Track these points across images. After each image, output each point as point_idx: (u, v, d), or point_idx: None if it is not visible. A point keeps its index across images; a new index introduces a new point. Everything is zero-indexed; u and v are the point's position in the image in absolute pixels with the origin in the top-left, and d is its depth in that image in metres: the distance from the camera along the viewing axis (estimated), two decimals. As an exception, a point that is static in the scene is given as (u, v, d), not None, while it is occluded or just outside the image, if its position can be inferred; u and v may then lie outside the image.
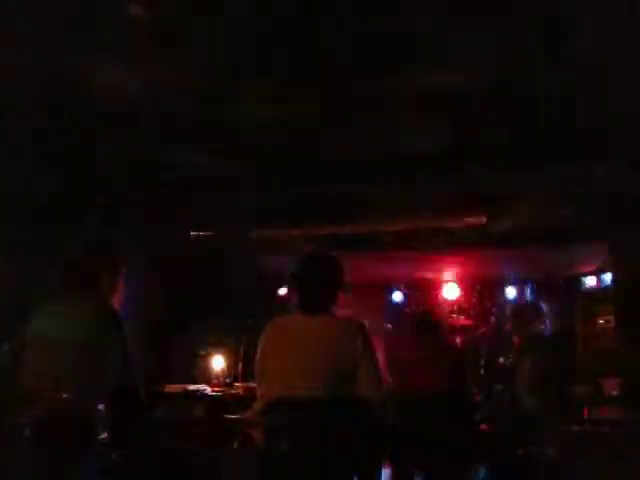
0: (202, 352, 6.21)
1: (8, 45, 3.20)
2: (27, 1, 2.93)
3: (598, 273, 8.16)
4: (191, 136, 4.52)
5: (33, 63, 3.41)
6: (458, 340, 8.33)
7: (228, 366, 5.22)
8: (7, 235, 4.76)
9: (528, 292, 7.40)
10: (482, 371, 7.78)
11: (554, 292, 9.16)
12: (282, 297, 7.13)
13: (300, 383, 2.49)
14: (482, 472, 4.87)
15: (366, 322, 2.80)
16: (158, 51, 3.32)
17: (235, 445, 3.96)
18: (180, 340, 6.71)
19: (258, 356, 2.68)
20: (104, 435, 2.53)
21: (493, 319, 8.36)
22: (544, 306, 7.90)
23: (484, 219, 6.23)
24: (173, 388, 5.00)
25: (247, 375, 5.88)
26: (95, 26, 3.06)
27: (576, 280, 8.79)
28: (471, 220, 6.31)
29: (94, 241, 2.81)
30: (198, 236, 7.01)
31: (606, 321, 7.98)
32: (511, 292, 8.79)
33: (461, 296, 9.30)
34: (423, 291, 9.71)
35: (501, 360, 7.39)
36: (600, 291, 8.08)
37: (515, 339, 7.10)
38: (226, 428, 4.24)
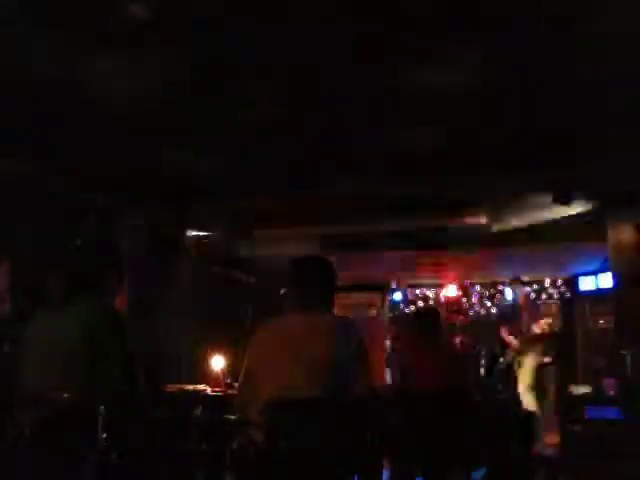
0: (202, 352, 6.21)
1: (7, 43, 3.20)
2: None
3: (598, 273, 8.17)
4: (190, 136, 4.52)
5: (30, 61, 3.40)
6: (458, 340, 8.33)
7: (228, 366, 5.21)
8: (6, 236, 4.76)
9: (527, 292, 7.41)
10: (482, 371, 7.80)
11: (554, 292, 9.17)
12: (283, 297, 7.11)
13: (298, 383, 2.49)
14: (482, 472, 4.88)
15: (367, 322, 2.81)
16: (158, 51, 3.32)
17: (235, 445, 3.95)
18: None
19: (250, 356, 2.68)
20: (104, 435, 2.52)
21: (493, 319, 8.37)
22: (542, 306, 7.94)
23: (484, 219, 6.24)
24: (173, 388, 5.00)
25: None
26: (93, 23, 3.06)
27: (576, 280, 8.80)
28: (471, 220, 6.31)
29: (95, 241, 2.81)
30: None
31: (606, 321, 7.99)
32: (510, 292, 8.81)
33: (461, 296, 9.31)
34: (423, 291, 9.73)
35: (501, 360, 7.40)
36: (600, 291, 8.09)
37: (511, 339, 7.13)
38: (226, 428, 4.24)
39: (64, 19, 2.99)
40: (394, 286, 9.84)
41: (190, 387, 5.00)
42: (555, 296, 9.14)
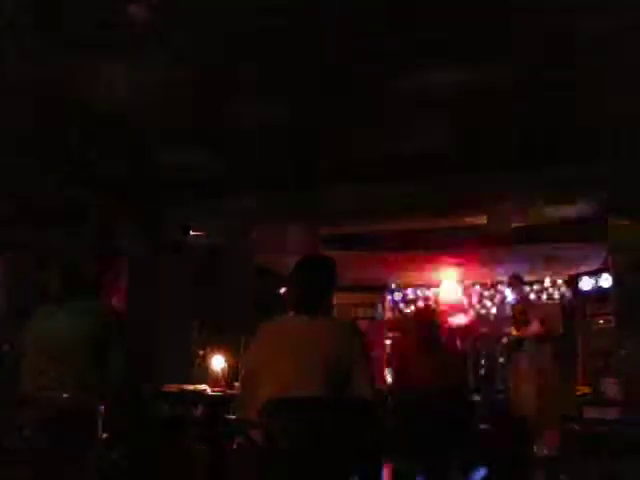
0: (202, 352, 6.21)
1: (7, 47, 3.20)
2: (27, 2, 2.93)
3: (598, 273, 8.16)
4: (190, 136, 4.52)
5: (31, 64, 3.40)
6: (458, 340, 8.33)
7: (228, 366, 5.21)
8: (7, 236, 4.76)
9: (527, 292, 7.39)
10: (482, 371, 7.79)
11: (553, 292, 9.17)
12: (282, 296, 7.14)
13: (299, 383, 2.49)
14: (482, 472, 4.87)
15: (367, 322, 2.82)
16: (157, 51, 3.32)
17: (235, 445, 3.96)
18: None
19: (250, 357, 2.68)
20: (104, 435, 2.52)
21: (493, 319, 8.37)
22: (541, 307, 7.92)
23: (484, 219, 6.24)
24: (172, 388, 5.00)
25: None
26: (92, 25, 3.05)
27: (576, 280, 8.79)
28: (471, 220, 6.31)
29: (94, 241, 2.81)
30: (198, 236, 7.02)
31: (606, 321, 7.98)
32: (510, 292, 8.78)
33: (461, 296, 9.31)
34: (423, 291, 9.73)
35: (501, 360, 7.39)
36: (600, 291, 8.09)
37: (511, 339, 7.12)
38: (226, 428, 4.24)
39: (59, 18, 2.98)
40: (394, 286, 9.85)
41: (190, 387, 5.00)
42: (555, 296, 9.13)
